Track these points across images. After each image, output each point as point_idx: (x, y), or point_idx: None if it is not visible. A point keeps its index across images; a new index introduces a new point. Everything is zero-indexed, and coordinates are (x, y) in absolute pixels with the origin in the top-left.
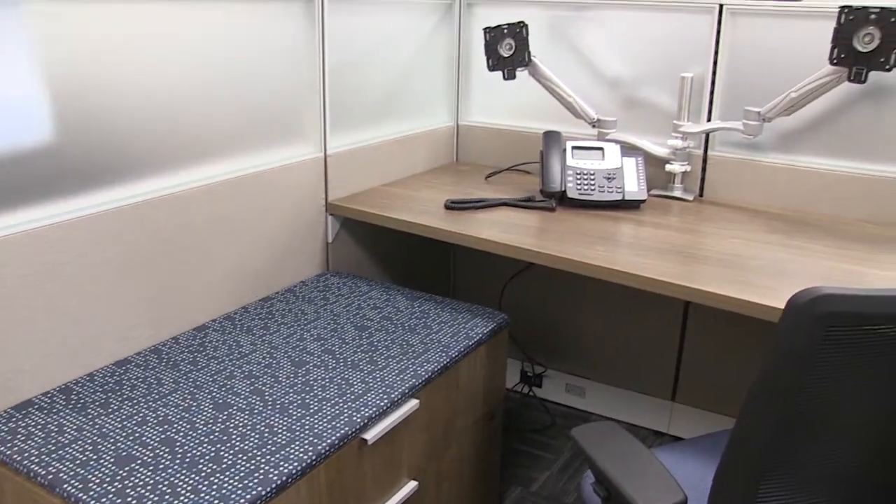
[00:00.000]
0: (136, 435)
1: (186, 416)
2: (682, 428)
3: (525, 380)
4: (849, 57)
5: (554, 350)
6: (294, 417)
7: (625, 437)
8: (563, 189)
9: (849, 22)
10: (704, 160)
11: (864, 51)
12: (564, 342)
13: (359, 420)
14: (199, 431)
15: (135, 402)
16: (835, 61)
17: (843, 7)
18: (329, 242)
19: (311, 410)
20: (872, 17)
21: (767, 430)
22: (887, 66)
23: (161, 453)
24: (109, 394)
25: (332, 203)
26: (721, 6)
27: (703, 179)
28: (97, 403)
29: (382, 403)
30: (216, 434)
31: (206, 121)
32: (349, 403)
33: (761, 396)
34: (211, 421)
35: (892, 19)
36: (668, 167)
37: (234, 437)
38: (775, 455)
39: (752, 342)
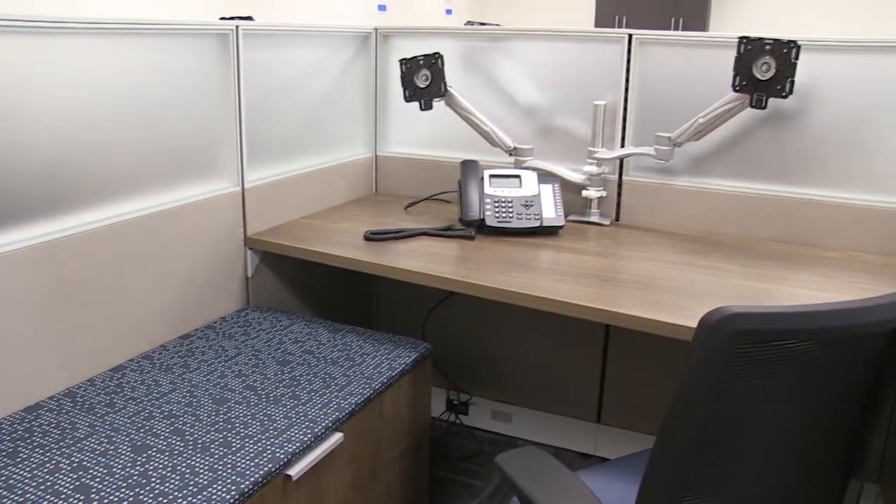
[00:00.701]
0: (48, 484)
1: (103, 460)
2: (609, 449)
3: (451, 408)
4: (749, 84)
5: (479, 377)
6: (216, 456)
7: (549, 462)
8: (481, 217)
9: (747, 52)
10: (619, 185)
11: (763, 79)
12: (489, 369)
13: (282, 456)
14: (117, 476)
15: (46, 449)
16: (737, 88)
17: (741, 38)
18: (249, 277)
19: (234, 448)
20: (767, 47)
21: (686, 447)
22: (784, 94)
23: (75, 502)
24: (18, 442)
25: (250, 237)
26: (630, 36)
27: (618, 204)
28: (4, 453)
29: (306, 438)
30: (135, 478)
31: (118, 157)
32: (272, 440)
33: (678, 415)
34: (129, 464)
35: (784, 50)
36: (584, 193)
37: (153, 479)
38: (695, 471)
39: (672, 361)
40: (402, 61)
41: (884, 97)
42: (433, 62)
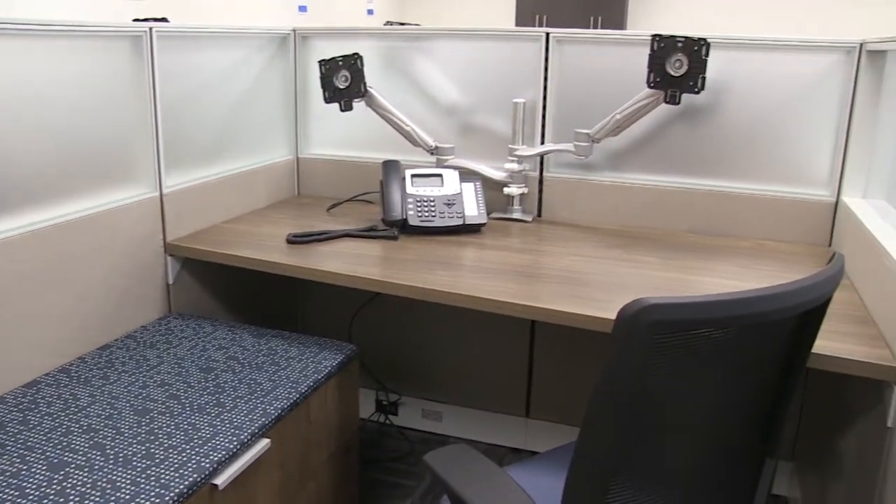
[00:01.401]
0: None
1: (15, 482)
2: (539, 443)
3: (381, 408)
4: (664, 81)
5: (408, 377)
6: (138, 469)
7: (477, 458)
8: (404, 217)
9: (661, 49)
10: (541, 181)
11: (676, 75)
12: (418, 368)
13: (208, 465)
14: (31, 497)
15: None
16: (652, 85)
17: (654, 35)
18: (170, 284)
19: (157, 460)
20: (679, 44)
21: (608, 436)
22: (696, 90)
23: None
24: None
25: (170, 243)
26: (547, 34)
27: (540, 200)
28: None
29: (232, 446)
30: (51, 498)
31: (28, 164)
32: (197, 449)
33: (600, 406)
34: (45, 483)
35: (696, 48)
36: (506, 190)
37: (71, 498)
38: (618, 460)
39: (598, 354)
40: (322, 62)
41: (788, 93)
42: (352, 63)
